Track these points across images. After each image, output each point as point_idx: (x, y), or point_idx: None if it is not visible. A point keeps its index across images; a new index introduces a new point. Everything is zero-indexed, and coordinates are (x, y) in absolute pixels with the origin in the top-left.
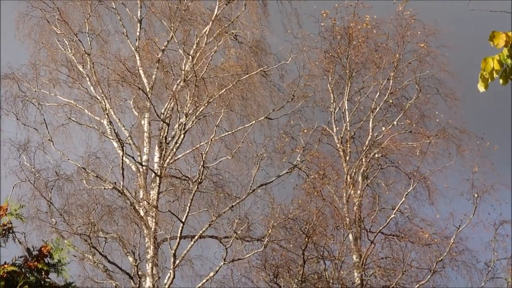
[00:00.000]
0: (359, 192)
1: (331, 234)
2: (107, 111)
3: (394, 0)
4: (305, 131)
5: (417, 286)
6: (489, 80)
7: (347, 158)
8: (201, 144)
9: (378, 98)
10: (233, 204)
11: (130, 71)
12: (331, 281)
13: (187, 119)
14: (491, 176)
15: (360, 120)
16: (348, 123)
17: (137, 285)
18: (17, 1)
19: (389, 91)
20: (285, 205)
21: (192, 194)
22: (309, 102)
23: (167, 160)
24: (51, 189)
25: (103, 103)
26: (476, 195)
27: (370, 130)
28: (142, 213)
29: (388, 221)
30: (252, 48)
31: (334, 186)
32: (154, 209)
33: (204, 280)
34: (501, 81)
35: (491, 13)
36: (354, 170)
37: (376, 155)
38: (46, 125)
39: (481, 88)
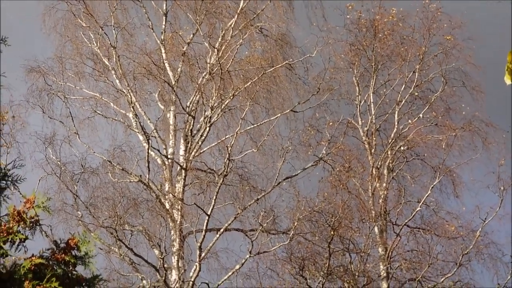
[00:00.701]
0: (384, 185)
1: (357, 227)
2: (133, 104)
3: None
4: (331, 124)
5: (442, 279)
6: None
7: (373, 151)
8: (226, 137)
9: (403, 91)
10: (259, 197)
11: (155, 64)
12: (356, 274)
13: (213, 112)
14: None
15: (386, 113)
16: (373, 116)
17: (163, 278)
18: None
19: (414, 83)
20: (311, 198)
21: (217, 187)
22: (334, 95)
23: (193, 153)
24: (77, 182)
25: (129, 96)
26: (502, 188)
27: (396, 123)
28: (167, 206)
29: (413, 214)
30: (277, 41)
31: (360, 179)
32: (179, 202)
33: (230, 273)
34: None
35: None
36: (379, 163)
37: (402, 148)
38: (72, 118)
39: (507, 80)
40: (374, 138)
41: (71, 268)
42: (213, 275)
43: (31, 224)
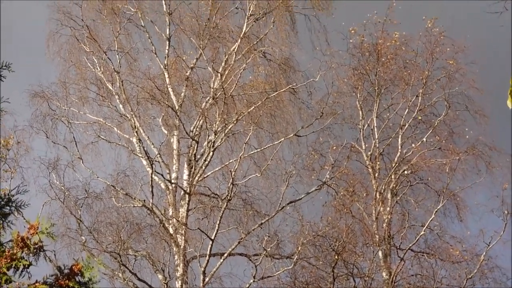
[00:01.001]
0: (388, 209)
1: (361, 251)
2: (136, 129)
3: (423, 17)
4: (334, 148)
5: None
6: None
7: (376, 175)
8: (230, 161)
9: (407, 115)
10: (262, 221)
11: (159, 89)
12: None
13: (216, 136)
14: None
15: (389, 137)
16: (377, 140)
17: None
18: (48, 19)
19: (418, 107)
20: (314, 222)
21: (221, 212)
22: (337, 119)
23: (196, 178)
24: (81, 207)
25: (132, 121)
26: (506, 212)
27: (399, 147)
28: (171, 231)
29: (417, 238)
30: (280, 66)
31: (364, 203)
32: (183, 226)
33: None
34: None
35: None
36: (383, 187)
37: (405, 172)
38: (76, 143)
39: (510, 104)
40: (378, 162)
41: None
42: None
43: (35, 250)
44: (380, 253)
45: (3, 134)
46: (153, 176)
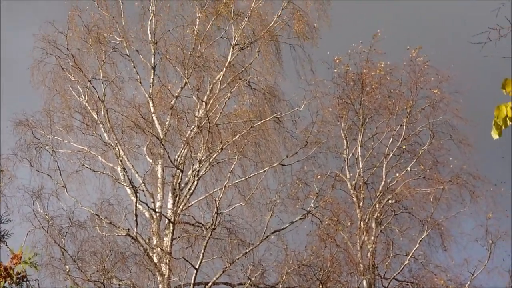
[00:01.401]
0: (372, 238)
1: (345, 280)
2: (121, 158)
3: (407, 46)
4: (319, 177)
5: None
6: (503, 127)
7: (361, 204)
8: (214, 190)
9: (391, 144)
10: (247, 250)
11: (144, 118)
12: None
13: (201, 165)
14: (505, 222)
15: (374, 166)
16: (361, 169)
17: None
18: (33, 48)
19: (402, 137)
20: (299, 251)
21: (205, 241)
22: (322, 148)
23: (181, 207)
24: (65, 235)
25: (117, 149)
26: (490, 241)
27: (384, 176)
28: (155, 260)
29: (402, 267)
30: (265, 95)
31: (348, 232)
32: (167, 255)
33: None
34: None
35: (504, 58)
36: (367, 216)
37: (390, 201)
38: (60, 172)
39: (494, 135)
40: (362, 191)
41: None
42: None
43: (18, 280)
44: (364, 283)
45: None
46: (137, 205)
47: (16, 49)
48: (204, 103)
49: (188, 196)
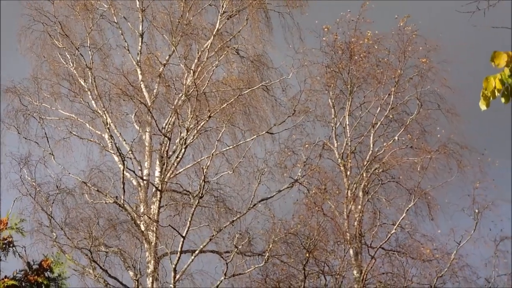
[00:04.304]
0: (359, 207)
1: (332, 249)
2: (108, 125)
3: (396, 15)
4: (306, 145)
5: None
6: (491, 99)
7: (348, 173)
8: (202, 158)
9: (379, 113)
10: (234, 219)
11: (132, 85)
12: None
13: (188, 133)
14: (492, 192)
15: (361, 135)
16: (349, 138)
17: None
18: (19, 14)
19: (390, 106)
20: (286, 220)
21: (193, 209)
22: (310, 117)
23: (168, 175)
24: (52, 203)
25: (105, 117)
26: (477, 210)
27: (371, 145)
28: (143, 228)
29: (388, 236)
30: (253, 63)
31: (335, 201)
32: (154, 223)
33: None
34: (503, 99)
35: (493, 28)
36: (354, 185)
37: (377, 170)
38: (47, 139)
39: (482, 106)
40: (350, 160)
41: None
42: None
43: (4, 245)
44: (351, 251)
45: None
46: (124, 172)
47: (2, 16)
48: (192, 71)
49: (175, 164)
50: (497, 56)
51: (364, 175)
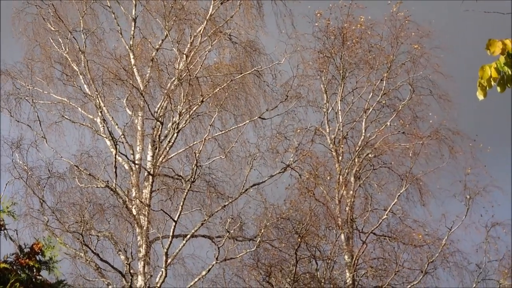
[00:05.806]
0: (351, 192)
1: (324, 234)
2: (101, 109)
3: (388, 1)
4: (298, 131)
5: (408, 287)
6: (487, 88)
7: (340, 158)
8: (194, 143)
9: (371, 99)
10: (226, 203)
11: (124, 69)
12: (323, 281)
13: (181, 118)
14: (484, 178)
15: (353, 120)
16: (341, 124)
17: (129, 284)
18: None
19: (382, 92)
20: (278, 205)
21: (184, 193)
22: (302, 102)
23: (160, 159)
24: (44, 187)
25: (97, 101)
26: (468, 196)
27: (363, 131)
28: (134, 212)
29: (380, 222)
30: (246, 48)
31: (327, 186)
32: (146, 207)
33: (196, 279)
34: (498, 89)
35: (486, 14)
36: (346, 171)
37: (369, 156)
38: (40, 123)
39: (480, 96)
40: (342, 146)
41: (35, 273)
42: (179, 281)
43: None
44: (342, 236)
45: None
46: (116, 156)
47: None
48: (184, 55)
49: (167, 149)
50: (492, 44)
51: (356, 160)
